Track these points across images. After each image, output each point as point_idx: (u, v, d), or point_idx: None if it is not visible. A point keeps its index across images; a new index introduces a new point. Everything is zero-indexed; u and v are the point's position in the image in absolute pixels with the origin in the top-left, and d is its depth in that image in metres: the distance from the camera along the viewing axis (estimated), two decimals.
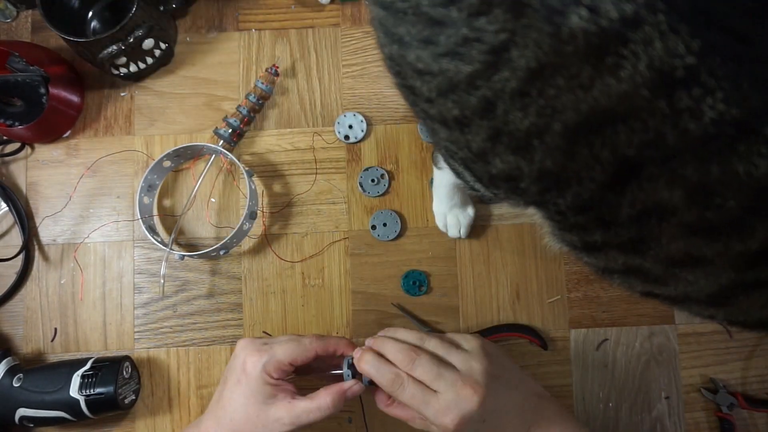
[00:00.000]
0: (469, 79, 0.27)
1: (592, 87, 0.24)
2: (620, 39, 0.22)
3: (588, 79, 0.24)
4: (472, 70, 0.26)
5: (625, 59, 0.23)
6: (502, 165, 0.30)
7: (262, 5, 0.67)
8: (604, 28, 0.22)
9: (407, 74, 0.30)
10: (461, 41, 0.26)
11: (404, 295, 0.62)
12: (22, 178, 0.65)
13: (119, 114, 0.66)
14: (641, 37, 0.22)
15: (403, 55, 0.29)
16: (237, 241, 0.62)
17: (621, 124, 0.25)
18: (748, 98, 0.23)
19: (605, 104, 0.24)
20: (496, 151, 0.29)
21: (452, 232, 0.61)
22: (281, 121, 0.65)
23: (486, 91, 0.26)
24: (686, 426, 0.61)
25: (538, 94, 0.25)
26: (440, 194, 0.60)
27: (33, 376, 0.57)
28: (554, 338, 0.62)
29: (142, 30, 0.59)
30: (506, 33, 0.24)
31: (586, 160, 0.27)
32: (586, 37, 0.23)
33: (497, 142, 0.29)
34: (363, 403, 0.60)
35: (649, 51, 0.22)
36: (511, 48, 0.25)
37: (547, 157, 0.28)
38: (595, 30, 0.23)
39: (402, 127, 0.65)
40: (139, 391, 0.61)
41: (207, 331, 0.62)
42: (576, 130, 0.26)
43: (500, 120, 0.27)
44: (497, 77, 0.26)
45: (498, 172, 0.31)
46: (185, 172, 0.65)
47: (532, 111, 0.26)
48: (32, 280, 0.63)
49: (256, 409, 0.46)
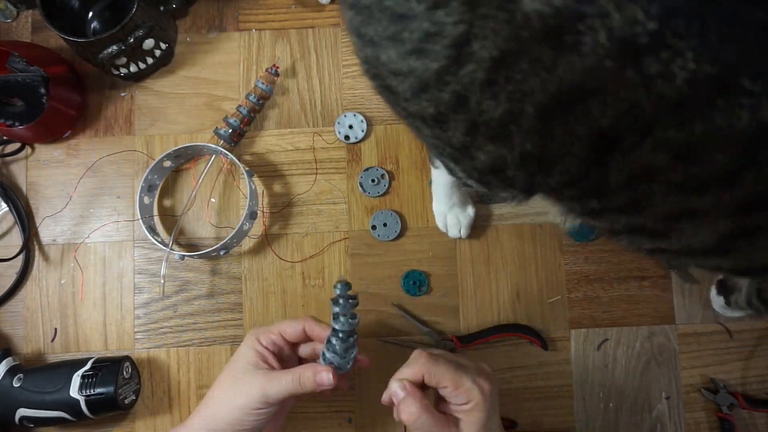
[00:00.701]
0: (437, 76, 0.27)
1: (555, 67, 0.24)
2: (575, 16, 0.23)
3: (550, 60, 0.24)
4: (438, 66, 0.26)
5: (583, 35, 0.23)
6: (485, 156, 0.30)
7: (262, 5, 0.67)
8: (558, 7, 0.23)
9: (383, 74, 0.30)
10: (424, 36, 0.26)
11: (404, 295, 0.62)
12: (22, 178, 0.65)
13: (119, 114, 0.66)
14: (596, 10, 0.22)
15: (376, 56, 0.29)
16: (237, 241, 0.62)
17: (591, 99, 0.25)
18: (719, 53, 0.23)
19: (571, 81, 0.25)
20: (476, 143, 0.30)
21: (452, 232, 0.61)
22: (281, 121, 0.65)
23: (455, 86, 0.27)
24: (686, 426, 0.61)
25: (506, 81, 0.26)
26: (439, 194, 0.60)
27: (33, 376, 0.57)
28: (554, 338, 0.62)
29: (142, 30, 0.59)
30: (464, 24, 0.25)
31: (564, 138, 0.27)
32: (542, 19, 0.23)
33: (476, 134, 0.29)
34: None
35: (607, 23, 0.22)
36: (471, 40, 0.25)
37: (525, 140, 0.28)
38: (549, 11, 0.23)
39: (402, 127, 0.65)
40: (139, 391, 0.61)
41: (207, 331, 0.62)
42: (548, 110, 0.26)
43: (474, 112, 0.28)
44: (463, 71, 0.26)
45: (482, 164, 0.31)
46: (185, 172, 0.65)
47: (503, 98, 0.26)
48: (32, 280, 0.63)
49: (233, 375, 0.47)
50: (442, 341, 0.61)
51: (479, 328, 0.62)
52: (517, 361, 0.62)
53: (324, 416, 0.61)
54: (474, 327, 0.62)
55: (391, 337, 0.61)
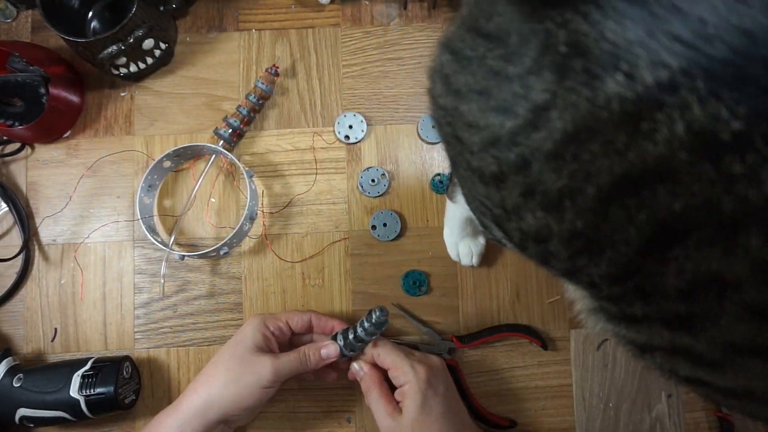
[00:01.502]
0: (510, 136, 0.27)
1: (627, 151, 0.23)
2: (656, 104, 0.22)
3: (623, 144, 0.23)
4: (514, 125, 0.26)
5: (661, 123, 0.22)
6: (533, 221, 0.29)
7: (262, 5, 0.67)
8: (639, 93, 0.22)
9: (457, 125, 0.30)
10: (510, 96, 0.26)
11: (404, 295, 0.62)
12: (22, 178, 0.65)
13: (119, 114, 0.66)
14: (678, 101, 0.21)
15: (456, 106, 0.29)
16: (237, 241, 0.62)
17: (660, 186, 0.24)
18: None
19: (641, 167, 0.23)
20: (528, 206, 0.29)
21: (465, 261, 0.61)
22: (281, 121, 0.65)
23: (524, 149, 0.26)
24: (686, 426, 0.61)
25: (573, 159, 0.25)
26: (453, 226, 0.60)
27: (33, 376, 0.57)
28: (554, 338, 0.62)
29: (142, 30, 0.59)
30: (549, 93, 0.24)
31: (621, 222, 0.25)
32: (622, 103, 0.23)
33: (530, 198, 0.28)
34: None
35: (687, 115, 0.21)
36: (551, 108, 0.25)
37: (578, 218, 0.26)
38: (630, 96, 0.22)
39: (402, 127, 0.65)
40: (139, 391, 0.61)
41: (207, 331, 0.62)
42: (610, 193, 0.25)
43: (534, 179, 0.27)
44: (535, 136, 0.26)
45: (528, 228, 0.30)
46: (185, 173, 0.65)
47: (565, 174, 0.26)
48: (32, 280, 0.63)
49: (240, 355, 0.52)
50: (442, 341, 0.61)
51: (479, 328, 0.62)
52: (517, 361, 0.62)
53: (324, 416, 0.61)
54: (474, 327, 0.62)
55: (392, 338, 0.61)
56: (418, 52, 0.66)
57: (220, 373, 0.51)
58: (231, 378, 0.51)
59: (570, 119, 0.24)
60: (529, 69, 0.25)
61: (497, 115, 0.27)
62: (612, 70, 0.22)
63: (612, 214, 0.25)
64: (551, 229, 0.28)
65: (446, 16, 0.67)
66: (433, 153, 0.64)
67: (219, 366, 0.52)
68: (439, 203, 0.64)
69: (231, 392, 0.50)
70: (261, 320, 0.54)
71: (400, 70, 0.66)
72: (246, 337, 0.53)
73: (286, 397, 0.61)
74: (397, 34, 0.66)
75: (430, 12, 0.67)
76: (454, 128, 0.30)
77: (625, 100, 0.22)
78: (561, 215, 0.27)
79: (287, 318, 0.55)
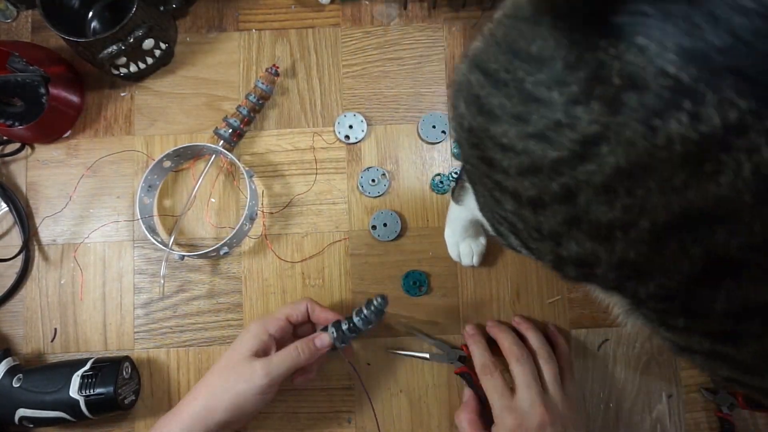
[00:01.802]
0: (554, 165, 0.26)
1: (686, 190, 0.23)
2: (722, 145, 0.21)
3: (682, 183, 0.23)
4: (558, 156, 0.25)
5: (726, 165, 0.21)
6: (578, 249, 0.28)
7: (262, 5, 0.67)
8: (705, 134, 0.21)
9: (487, 146, 0.29)
10: (553, 125, 0.25)
11: (404, 295, 0.62)
12: (22, 178, 0.65)
13: (119, 114, 0.66)
14: (746, 144, 0.21)
15: (487, 128, 0.28)
16: (237, 241, 0.62)
17: (718, 226, 0.23)
18: None
19: (701, 206, 0.23)
20: (572, 235, 0.28)
21: (465, 261, 0.61)
22: (281, 121, 0.65)
23: (569, 179, 0.25)
24: (686, 426, 0.61)
25: (626, 194, 0.24)
26: (455, 227, 0.59)
27: (33, 377, 0.57)
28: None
29: (142, 30, 0.59)
30: (599, 126, 0.24)
31: (675, 255, 0.25)
32: (684, 144, 0.22)
33: (574, 228, 0.27)
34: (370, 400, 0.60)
35: (755, 158, 0.21)
36: (601, 142, 0.24)
37: (630, 249, 0.26)
38: (695, 137, 0.21)
39: (402, 127, 0.65)
40: (139, 391, 0.61)
41: (207, 332, 0.62)
42: (665, 228, 0.25)
43: (581, 209, 0.26)
44: (582, 168, 0.25)
45: (570, 255, 0.29)
46: (185, 173, 0.65)
47: (618, 207, 0.25)
48: (32, 280, 0.63)
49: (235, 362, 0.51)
50: (452, 350, 0.60)
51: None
52: None
53: (324, 417, 0.61)
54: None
55: (399, 348, 0.61)
56: (418, 52, 0.66)
57: (217, 380, 0.52)
58: (227, 386, 0.51)
59: (623, 155, 0.23)
60: (576, 98, 0.24)
61: (538, 142, 0.26)
62: (675, 109, 0.22)
63: (666, 247, 0.25)
64: (599, 257, 0.27)
65: (446, 16, 0.67)
66: (433, 153, 0.64)
67: (215, 374, 0.52)
68: (439, 203, 0.64)
69: (228, 400, 0.50)
70: (261, 325, 0.54)
71: (400, 70, 0.66)
72: (242, 344, 0.52)
73: (286, 398, 0.61)
74: (397, 34, 0.66)
75: (430, 12, 0.67)
76: (483, 149, 0.29)
77: (689, 141, 0.22)
78: (611, 246, 0.26)
79: (286, 315, 0.55)
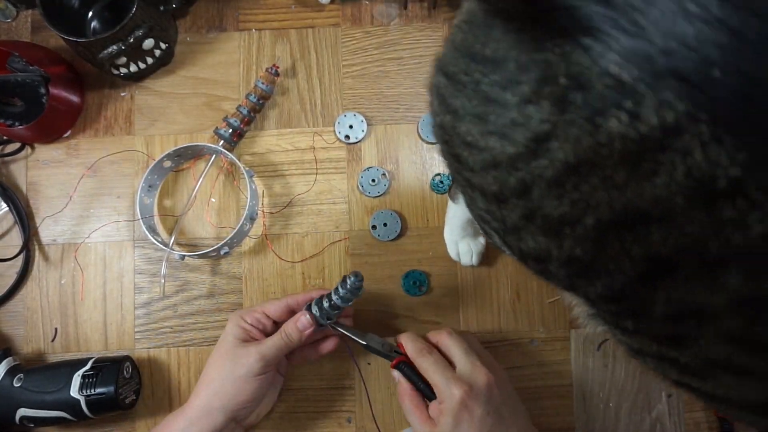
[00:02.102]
0: (510, 161, 0.27)
1: (626, 188, 0.24)
2: (659, 146, 0.22)
3: (622, 181, 0.24)
4: (514, 152, 0.27)
5: (661, 166, 0.22)
6: (533, 244, 0.30)
7: (262, 5, 0.67)
8: (643, 134, 0.22)
9: (455, 143, 0.30)
10: (509, 123, 0.26)
11: (404, 295, 0.62)
12: (22, 178, 0.65)
13: (119, 114, 0.66)
14: (680, 146, 0.22)
15: (454, 126, 0.30)
16: (237, 241, 0.62)
17: (655, 225, 0.24)
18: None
19: (639, 205, 0.24)
20: (529, 229, 0.29)
21: (464, 260, 0.61)
22: (281, 121, 0.65)
23: (524, 174, 0.27)
24: (686, 426, 0.61)
25: (573, 188, 0.25)
26: (453, 225, 0.60)
27: (33, 376, 0.57)
28: (554, 338, 0.62)
29: (142, 30, 0.59)
30: (549, 124, 0.25)
31: (617, 254, 0.26)
32: (624, 142, 0.23)
33: (530, 222, 0.29)
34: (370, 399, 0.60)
35: (688, 160, 0.22)
36: (551, 139, 0.25)
37: (577, 245, 0.27)
38: (634, 136, 0.22)
39: (402, 127, 0.65)
40: (139, 391, 0.61)
41: (207, 331, 0.62)
42: (608, 225, 0.26)
43: (535, 204, 0.27)
44: (535, 164, 0.26)
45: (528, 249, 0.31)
46: (185, 172, 0.65)
47: (566, 202, 0.26)
48: (32, 280, 0.63)
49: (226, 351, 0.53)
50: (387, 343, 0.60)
51: (479, 327, 0.62)
52: (516, 361, 0.62)
53: (324, 416, 0.61)
54: (474, 327, 0.62)
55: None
56: (418, 52, 0.66)
57: (214, 372, 0.53)
58: (224, 374, 0.52)
59: (571, 151, 0.24)
60: (528, 98, 0.25)
61: (497, 139, 0.27)
62: (615, 108, 0.22)
63: (609, 245, 0.26)
64: (551, 252, 0.29)
65: (446, 16, 0.67)
66: (433, 153, 0.64)
67: (211, 367, 0.54)
68: (439, 203, 0.64)
69: (228, 388, 0.52)
70: (238, 315, 0.56)
71: (401, 70, 0.66)
72: (227, 334, 0.54)
73: (287, 398, 0.61)
74: (397, 34, 0.66)
75: (430, 12, 0.67)
76: (452, 147, 0.31)
77: (628, 140, 0.22)
78: (560, 241, 0.28)
79: (263, 309, 0.56)
